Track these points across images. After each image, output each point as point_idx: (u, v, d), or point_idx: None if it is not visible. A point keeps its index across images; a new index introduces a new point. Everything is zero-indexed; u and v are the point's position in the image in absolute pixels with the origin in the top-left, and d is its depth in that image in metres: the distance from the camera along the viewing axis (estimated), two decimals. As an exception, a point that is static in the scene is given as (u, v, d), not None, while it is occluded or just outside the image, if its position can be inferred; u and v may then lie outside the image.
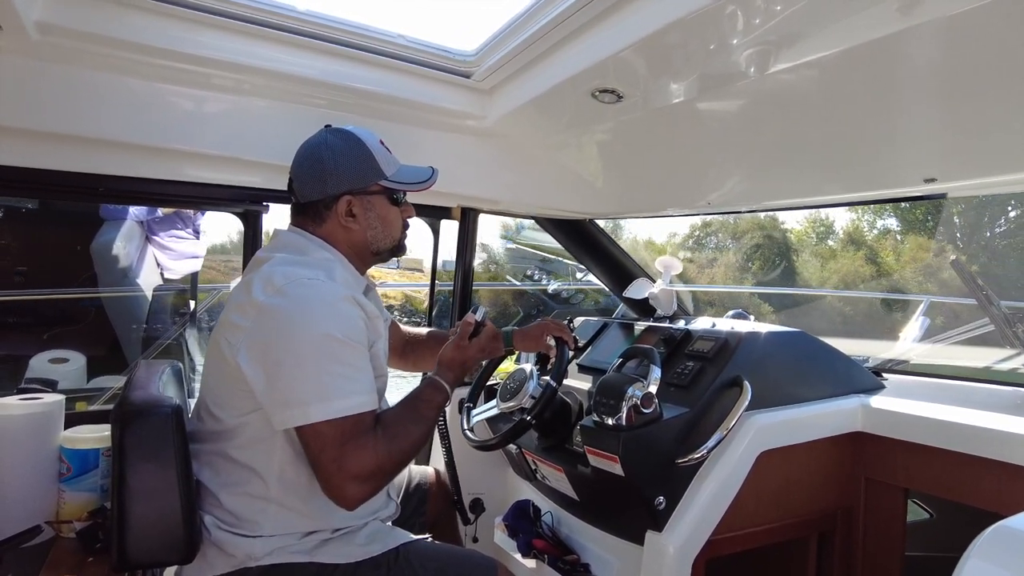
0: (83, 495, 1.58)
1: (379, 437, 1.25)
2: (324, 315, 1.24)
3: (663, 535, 1.49)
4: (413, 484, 1.82)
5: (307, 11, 1.70)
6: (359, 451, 1.21)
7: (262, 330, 1.24)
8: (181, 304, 3.64)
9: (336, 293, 1.29)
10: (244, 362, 1.23)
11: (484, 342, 1.56)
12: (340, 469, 1.20)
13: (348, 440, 1.21)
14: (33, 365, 2.96)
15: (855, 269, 19.60)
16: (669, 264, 2.40)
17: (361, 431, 1.23)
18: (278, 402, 1.21)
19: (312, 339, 1.22)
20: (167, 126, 1.73)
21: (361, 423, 1.23)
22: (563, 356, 1.76)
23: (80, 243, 3.21)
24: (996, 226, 17.46)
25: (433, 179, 1.53)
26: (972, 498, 1.49)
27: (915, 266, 18.59)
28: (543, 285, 8.86)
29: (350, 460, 1.20)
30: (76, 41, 1.51)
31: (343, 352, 1.24)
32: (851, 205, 6.49)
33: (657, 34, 1.32)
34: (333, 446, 1.20)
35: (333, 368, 1.22)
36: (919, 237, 19.56)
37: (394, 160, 1.50)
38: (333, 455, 1.20)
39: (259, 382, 1.22)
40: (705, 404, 1.58)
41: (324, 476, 1.21)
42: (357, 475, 1.20)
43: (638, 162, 2.21)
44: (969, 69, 1.27)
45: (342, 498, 1.21)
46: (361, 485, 1.21)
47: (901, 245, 20.55)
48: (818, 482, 1.70)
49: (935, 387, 1.97)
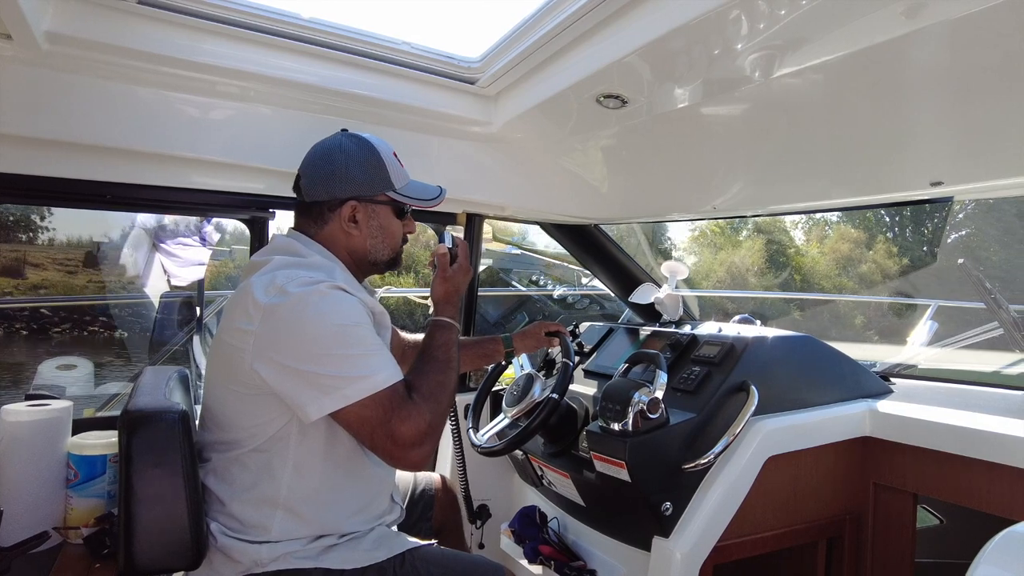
0: (90, 501, 1.59)
1: (416, 400, 1.27)
2: (330, 308, 1.24)
3: (670, 541, 1.48)
4: (419, 490, 1.82)
5: (312, 19, 1.71)
6: (406, 421, 1.23)
7: (272, 331, 1.24)
8: (188, 310, 3.66)
9: (338, 292, 1.29)
10: (260, 366, 1.23)
11: (464, 262, 1.56)
12: (395, 443, 1.22)
13: (392, 414, 1.23)
14: (41, 371, 2.97)
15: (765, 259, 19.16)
16: (675, 269, 2.40)
17: (399, 402, 1.25)
18: (309, 394, 1.21)
19: (325, 329, 1.22)
20: (174, 134, 1.75)
21: (396, 394, 1.25)
22: (567, 344, 1.82)
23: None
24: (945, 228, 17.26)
25: (441, 198, 1.54)
26: (983, 503, 1.47)
27: (833, 257, 18.20)
28: (548, 290, 8.87)
29: (401, 431, 1.22)
30: (85, 50, 1.52)
31: (358, 334, 1.25)
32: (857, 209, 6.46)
33: (661, 39, 1.33)
34: (381, 424, 1.22)
35: (353, 351, 1.23)
36: (846, 227, 19.05)
37: (404, 173, 1.50)
38: (384, 432, 1.22)
39: (283, 381, 1.22)
40: (712, 409, 1.57)
41: (383, 453, 1.24)
42: (413, 442, 1.23)
43: (643, 167, 2.21)
44: (974, 72, 1.26)
45: (409, 465, 1.26)
46: (420, 448, 1.24)
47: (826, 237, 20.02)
48: (826, 487, 1.68)
49: (944, 391, 1.96)
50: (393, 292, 4.53)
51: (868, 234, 19.09)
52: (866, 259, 18.63)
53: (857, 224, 18.94)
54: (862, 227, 19.06)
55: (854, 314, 13.41)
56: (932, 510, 2.13)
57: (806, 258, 19.78)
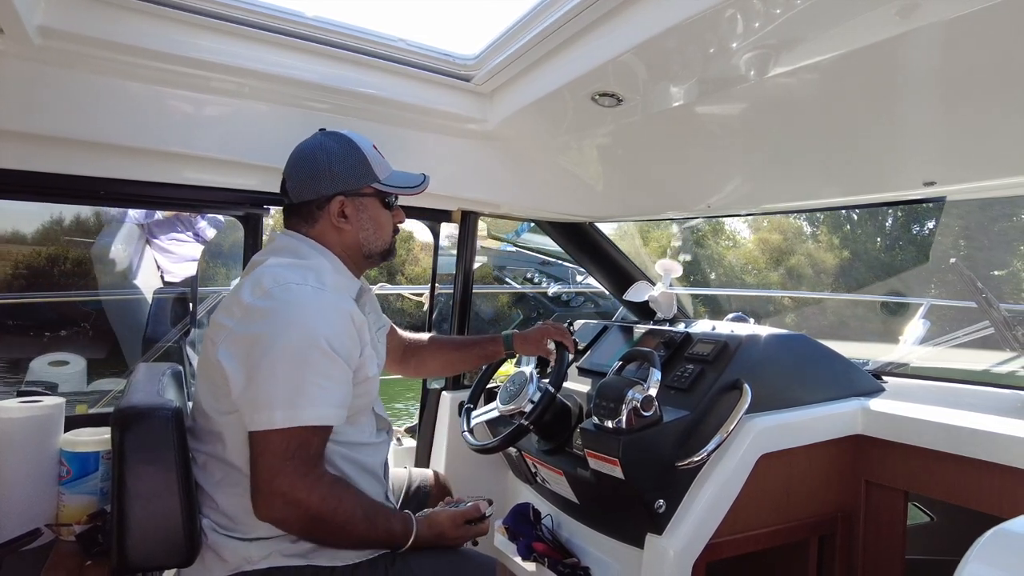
0: (83, 498, 1.58)
1: (325, 481, 1.25)
2: (307, 321, 1.24)
3: (663, 538, 1.49)
4: (414, 486, 1.82)
5: (307, 15, 1.71)
6: (298, 476, 1.21)
7: (244, 330, 1.25)
8: (181, 307, 3.64)
9: (322, 300, 1.29)
10: (225, 360, 1.24)
11: (471, 532, 1.47)
12: (271, 480, 1.20)
13: (295, 458, 1.21)
14: (33, 368, 2.96)
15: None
16: (669, 267, 2.41)
17: (311, 454, 1.23)
18: (248, 404, 1.22)
19: (290, 344, 1.22)
20: (168, 129, 1.74)
21: (314, 438, 1.24)
22: (563, 360, 1.76)
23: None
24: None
25: (424, 184, 1.55)
26: (972, 501, 1.48)
27: (762, 249, 17.47)
28: (543, 288, 8.88)
29: (286, 479, 1.20)
30: (77, 45, 1.51)
31: (320, 361, 1.24)
32: (851, 208, 6.48)
33: (657, 38, 1.33)
34: (276, 457, 1.20)
35: (307, 376, 1.22)
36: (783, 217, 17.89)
37: (387, 165, 1.52)
38: (273, 465, 1.20)
39: (237, 382, 1.23)
40: (705, 407, 1.58)
41: (257, 480, 1.21)
42: (283, 495, 1.20)
43: (638, 165, 2.21)
44: (968, 73, 1.27)
45: (261, 506, 1.21)
46: (283, 507, 1.21)
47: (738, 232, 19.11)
48: (818, 485, 1.69)
49: (935, 390, 1.97)
50: (387, 289, 4.52)
51: (815, 227, 18.12)
52: (798, 251, 17.88)
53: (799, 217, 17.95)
54: (805, 219, 17.98)
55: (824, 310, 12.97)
56: (923, 507, 2.15)
57: (728, 250, 18.94)
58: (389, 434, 1.57)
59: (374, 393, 1.46)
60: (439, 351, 1.93)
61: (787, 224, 18.43)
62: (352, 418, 1.36)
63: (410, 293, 4.59)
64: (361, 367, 1.35)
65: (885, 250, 17.34)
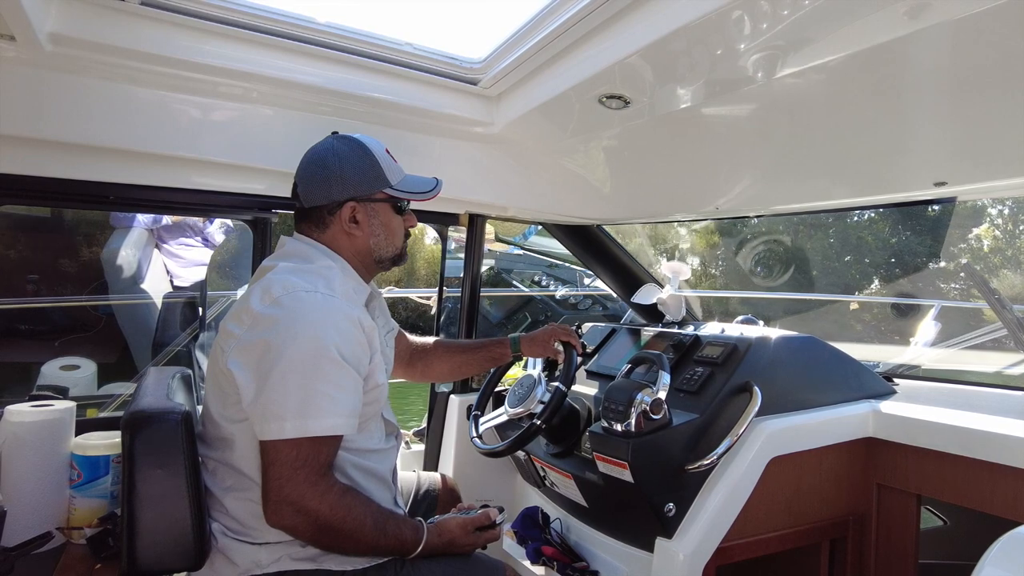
0: (93, 501, 1.59)
1: (335, 490, 1.25)
2: (316, 330, 1.24)
3: (673, 542, 1.48)
4: (422, 491, 1.82)
5: (314, 20, 1.71)
6: (308, 485, 1.21)
7: (253, 339, 1.25)
8: (191, 311, 3.66)
9: (332, 308, 1.28)
10: (235, 368, 1.24)
11: (481, 540, 1.47)
12: (281, 489, 1.20)
13: (305, 467, 1.21)
14: (44, 372, 2.98)
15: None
16: (677, 269, 2.39)
17: (322, 463, 1.23)
18: (259, 413, 1.22)
19: (301, 353, 1.22)
20: (176, 134, 1.75)
21: (324, 448, 1.24)
22: (572, 361, 1.75)
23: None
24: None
25: (437, 190, 1.54)
26: (987, 505, 1.47)
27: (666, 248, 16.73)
28: (551, 291, 8.86)
29: (296, 487, 1.20)
30: (87, 51, 1.53)
31: (330, 370, 1.24)
32: (860, 209, 6.44)
33: (664, 40, 1.32)
34: (287, 466, 1.20)
35: (317, 385, 1.22)
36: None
37: (399, 169, 1.51)
38: (283, 474, 1.20)
39: (247, 391, 1.23)
40: (715, 410, 1.57)
41: (267, 488, 1.22)
42: (293, 503, 1.20)
43: (646, 167, 2.21)
44: (978, 72, 1.26)
45: (271, 513, 1.22)
46: (293, 515, 1.21)
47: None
48: (830, 488, 1.68)
49: (947, 392, 1.95)
50: (396, 292, 4.53)
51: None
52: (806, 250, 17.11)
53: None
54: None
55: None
56: (936, 511, 2.13)
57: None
58: (398, 439, 1.56)
59: (383, 399, 1.46)
60: (445, 354, 1.93)
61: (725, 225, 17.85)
62: (361, 425, 1.36)
63: (418, 297, 4.59)
64: (371, 374, 1.35)
65: (895, 252, 17.13)
